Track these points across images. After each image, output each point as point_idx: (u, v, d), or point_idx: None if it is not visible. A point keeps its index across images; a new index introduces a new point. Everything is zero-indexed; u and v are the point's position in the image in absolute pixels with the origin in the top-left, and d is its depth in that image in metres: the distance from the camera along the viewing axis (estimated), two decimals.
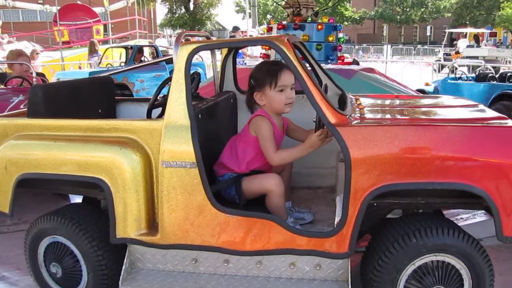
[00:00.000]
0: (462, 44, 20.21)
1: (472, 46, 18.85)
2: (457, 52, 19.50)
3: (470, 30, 23.52)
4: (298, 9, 5.53)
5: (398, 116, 2.54)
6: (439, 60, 17.60)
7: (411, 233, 2.13)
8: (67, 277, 2.53)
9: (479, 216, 3.68)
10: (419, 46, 32.53)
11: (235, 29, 11.74)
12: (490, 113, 2.48)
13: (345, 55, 8.89)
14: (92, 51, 11.25)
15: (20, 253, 2.85)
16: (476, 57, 15.11)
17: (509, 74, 7.72)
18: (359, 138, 2.07)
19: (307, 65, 3.09)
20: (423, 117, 2.50)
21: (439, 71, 15.32)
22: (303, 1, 5.58)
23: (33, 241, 2.57)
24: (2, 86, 5.15)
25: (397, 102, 3.08)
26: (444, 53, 20.83)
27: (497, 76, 7.90)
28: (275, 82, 2.44)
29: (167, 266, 2.40)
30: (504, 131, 2.11)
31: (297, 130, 2.69)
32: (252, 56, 10.06)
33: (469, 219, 3.70)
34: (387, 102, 3.05)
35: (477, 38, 20.03)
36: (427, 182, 2.05)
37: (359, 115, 2.39)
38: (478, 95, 7.49)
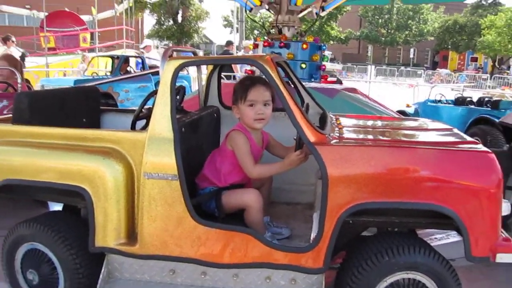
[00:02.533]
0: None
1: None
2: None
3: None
4: (279, 29, 5.65)
5: (376, 137, 2.63)
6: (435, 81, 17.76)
7: (383, 251, 2.20)
8: (43, 284, 2.53)
9: (453, 237, 3.76)
10: (402, 67, 33.14)
11: (229, 43, 11.87)
12: (463, 137, 2.58)
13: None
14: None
15: None
16: None
17: (486, 99, 7.94)
18: (337, 157, 2.14)
19: (291, 84, 3.18)
20: (400, 138, 2.60)
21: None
22: (286, 20, 5.69)
23: (10, 247, 2.57)
24: None
25: (376, 123, 3.17)
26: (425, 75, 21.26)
27: (475, 100, 8.11)
28: (245, 96, 2.50)
29: (145, 276, 2.42)
30: (474, 156, 2.20)
31: (277, 146, 2.75)
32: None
33: (443, 239, 3.78)
34: (366, 122, 3.14)
35: None
36: (401, 201, 2.13)
37: (338, 134, 2.46)
38: (456, 118, 7.68)
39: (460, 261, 3.22)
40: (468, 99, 8.18)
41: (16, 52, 10.06)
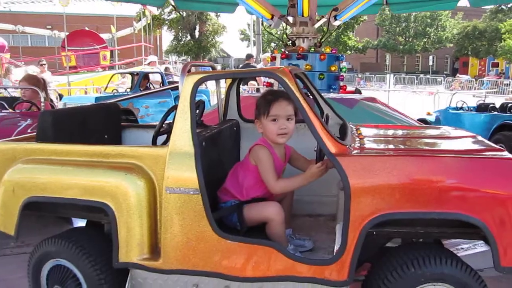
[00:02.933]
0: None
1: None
2: None
3: None
4: (293, 41, 5.69)
5: (397, 147, 2.60)
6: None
7: (409, 262, 2.16)
8: None
9: (480, 247, 3.68)
10: (421, 75, 32.83)
11: (249, 56, 11.97)
12: (488, 144, 2.54)
13: (347, 83, 8.99)
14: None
15: (22, 275, 2.87)
16: None
17: (510, 104, 7.80)
18: (359, 168, 2.12)
19: (310, 95, 3.18)
20: (422, 147, 2.56)
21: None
22: (300, 32, 5.72)
23: (36, 264, 2.60)
24: (10, 110, 5.24)
25: (397, 132, 3.14)
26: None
27: (498, 106, 7.98)
28: (268, 111, 2.50)
29: None
30: (500, 163, 2.16)
31: (299, 159, 2.74)
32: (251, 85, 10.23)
33: (469, 249, 3.70)
34: (387, 132, 3.11)
35: None
36: (425, 211, 2.09)
37: (359, 145, 2.45)
38: (479, 125, 7.56)
39: (488, 271, 3.15)
40: (491, 105, 8.05)
41: (48, 76, 10.31)
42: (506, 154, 2.26)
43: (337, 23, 6.11)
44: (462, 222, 2.11)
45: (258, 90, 9.61)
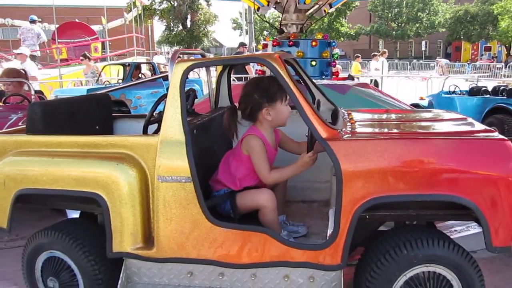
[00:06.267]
0: None
1: None
2: None
3: None
4: (281, 27, 5.67)
5: (388, 130, 2.60)
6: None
7: (402, 245, 2.17)
8: None
9: (473, 228, 3.71)
10: (414, 60, 32.78)
11: (242, 44, 11.90)
12: (478, 126, 2.54)
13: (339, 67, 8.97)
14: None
15: (17, 269, 2.87)
16: None
17: (502, 87, 7.82)
18: (350, 152, 2.12)
19: (301, 81, 3.17)
20: (413, 130, 2.57)
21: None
22: (294, 19, 5.70)
23: (30, 256, 2.60)
24: (1, 104, 5.20)
25: (388, 116, 3.14)
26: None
27: (490, 90, 8.00)
28: (286, 96, 2.50)
29: (163, 279, 2.43)
30: (490, 144, 2.16)
31: (289, 142, 2.76)
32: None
33: (463, 231, 3.73)
34: (379, 116, 3.11)
35: None
36: (417, 194, 2.10)
37: (350, 129, 2.44)
38: (472, 108, 7.59)
39: (481, 252, 3.19)
40: (483, 88, 8.06)
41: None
42: (496, 135, 2.26)
43: (331, 10, 6.10)
44: (454, 203, 2.12)
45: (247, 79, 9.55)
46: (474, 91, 8.08)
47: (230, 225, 2.30)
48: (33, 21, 14.09)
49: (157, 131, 2.84)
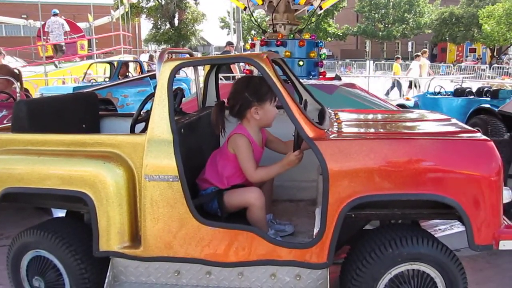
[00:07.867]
0: None
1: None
2: None
3: None
4: (274, 27, 5.68)
5: (374, 130, 2.63)
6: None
7: (387, 243, 2.20)
8: None
9: (457, 227, 3.76)
10: (401, 61, 33.02)
11: (229, 44, 11.92)
12: (462, 127, 2.59)
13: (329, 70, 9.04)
14: None
15: (2, 268, 2.84)
16: None
17: (486, 89, 7.92)
18: (336, 152, 2.14)
19: (288, 81, 3.19)
20: (398, 130, 2.60)
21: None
22: (284, 19, 5.71)
23: (15, 256, 2.58)
24: None
25: (375, 116, 3.18)
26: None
27: (474, 91, 8.10)
28: (275, 97, 2.51)
29: (150, 278, 2.43)
30: (473, 144, 2.20)
31: (275, 141, 2.78)
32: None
33: (447, 230, 3.78)
34: (365, 116, 3.14)
35: None
36: (402, 193, 2.14)
37: (337, 129, 2.47)
38: (456, 109, 7.67)
39: (465, 251, 3.24)
40: (468, 89, 8.17)
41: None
42: (479, 135, 2.31)
43: (321, 11, 6.13)
44: (438, 203, 2.16)
45: (233, 78, 9.55)
46: (459, 92, 8.18)
47: (217, 224, 2.31)
48: (55, 14, 14.64)
49: (144, 130, 2.83)
